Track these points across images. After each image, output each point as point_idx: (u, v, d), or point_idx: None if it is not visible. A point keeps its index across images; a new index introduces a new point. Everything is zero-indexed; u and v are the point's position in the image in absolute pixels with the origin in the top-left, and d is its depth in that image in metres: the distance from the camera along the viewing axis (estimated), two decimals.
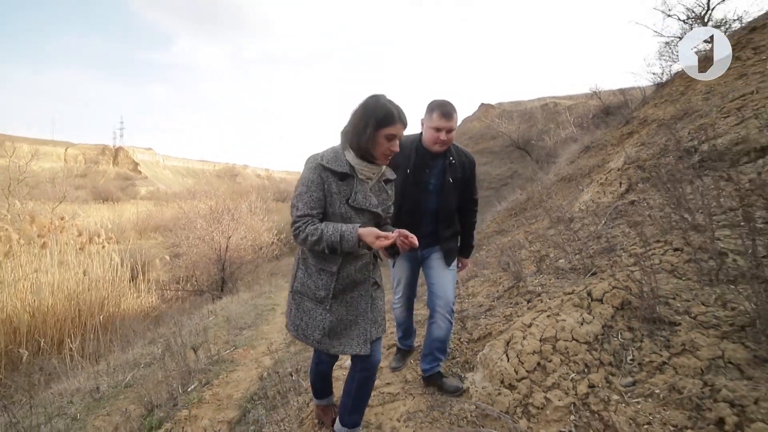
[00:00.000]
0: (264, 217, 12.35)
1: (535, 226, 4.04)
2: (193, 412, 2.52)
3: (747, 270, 1.41)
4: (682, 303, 1.44)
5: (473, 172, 1.91)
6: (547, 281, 2.34)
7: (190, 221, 10.96)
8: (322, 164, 1.26)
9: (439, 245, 1.85)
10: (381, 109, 1.23)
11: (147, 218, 21.65)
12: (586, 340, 1.52)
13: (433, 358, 1.87)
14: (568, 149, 7.16)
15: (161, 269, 11.32)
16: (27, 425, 2.56)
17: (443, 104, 1.72)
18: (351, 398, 1.44)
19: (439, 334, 1.80)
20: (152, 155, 53.09)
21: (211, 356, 3.54)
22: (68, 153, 52.43)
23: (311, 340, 1.37)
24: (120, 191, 40.11)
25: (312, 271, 1.35)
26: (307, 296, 1.37)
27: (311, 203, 1.24)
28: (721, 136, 2.92)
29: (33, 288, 6.23)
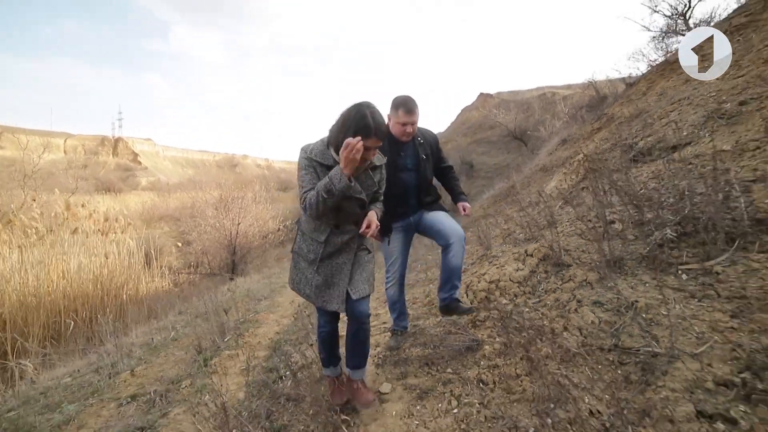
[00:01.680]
0: (269, 205, 13.04)
1: (510, 210, 4.76)
2: (234, 352, 3.26)
3: (621, 231, 2.13)
4: (578, 253, 2.17)
5: (438, 146, 2.18)
6: (506, 248, 3.06)
7: (199, 210, 11.65)
8: (311, 157, 1.46)
9: (424, 209, 2.08)
10: (360, 122, 1.36)
11: (152, 208, 22.25)
12: (518, 280, 2.25)
13: (451, 286, 1.98)
14: (550, 141, 7.83)
15: (173, 255, 12.05)
16: (107, 362, 3.31)
17: (406, 102, 1.91)
18: (350, 344, 1.70)
19: (456, 263, 1.94)
20: (151, 145, 53.18)
21: (238, 319, 4.28)
22: (68, 144, 52.34)
23: (303, 293, 1.63)
24: (121, 182, 40.39)
25: (306, 238, 1.60)
26: (302, 257, 1.62)
27: (312, 181, 1.45)
28: (651, 135, 3.62)
29: (64, 270, 6.89)
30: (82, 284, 6.88)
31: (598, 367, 1.41)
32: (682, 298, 1.49)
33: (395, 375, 2.01)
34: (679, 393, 1.15)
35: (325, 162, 1.46)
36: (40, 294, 6.14)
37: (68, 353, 4.82)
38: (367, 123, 1.36)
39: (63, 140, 53.71)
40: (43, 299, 6.11)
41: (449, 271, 1.97)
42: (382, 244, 2.14)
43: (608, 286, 1.76)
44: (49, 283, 6.42)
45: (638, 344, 1.39)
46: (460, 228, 2.00)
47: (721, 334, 1.24)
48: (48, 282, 6.42)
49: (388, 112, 1.96)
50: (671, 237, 1.81)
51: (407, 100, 1.92)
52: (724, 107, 3.12)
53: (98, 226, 8.54)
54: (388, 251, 2.15)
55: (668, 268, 1.69)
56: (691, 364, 1.20)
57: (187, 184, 31.85)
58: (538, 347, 1.64)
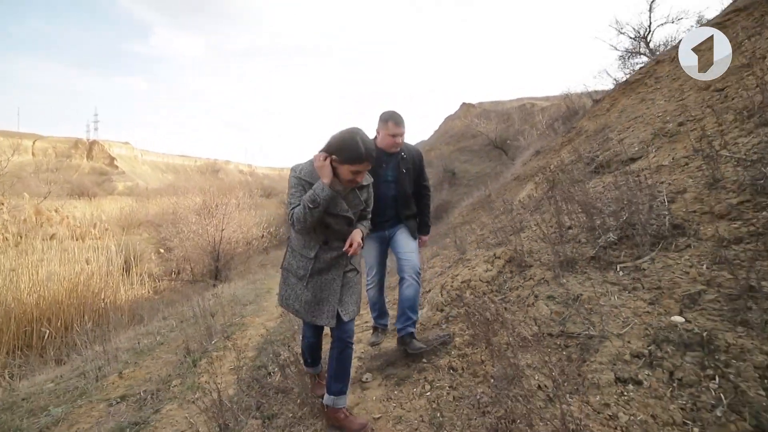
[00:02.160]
0: (252, 211, 13.02)
1: (485, 218, 5.08)
2: (222, 353, 3.38)
3: (575, 236, 2.43)
4: (538, 255, 2.45)
5: (422, 163, 2.26)
6: (479, 252, 3.33)
7: (180, 217, 11.51)
8: (300, 177, 1.53)
9: (402, 223, 2.19)
10: (352, 149, 1.44)
11: (130, 214, 21.62)
12: (487, 280, 2.51)
13: (406, 318, 2.07)
14: (525, 152, 8.29)
15: (153, 262, 11.82)
16: (93, 367, 3.35)
17: (394, 115, 2.05)
18: (333, 366, 1.66)
19: (408, 294, 2.06)
20: (130, 149, 51.59)
21: (225, 322, 4.37)
22: (36, 146, 50.04)
23: (292, 308, 1.65)
24: (96, 186, 38.90)
25: (296, 254, 1.64)
26: (291, 273, 1.64)
27: (300, 198, 1.51)
28: (610, 150, 4.01)
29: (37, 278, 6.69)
30: (55, 292, 6.67)
31: (548, 350, 1.67)
32: (616, 291, 1.77)
33: (375, 366, 2.21)
34: (605, 365, 1.41)
35: (313, 181, 1.50)
36: (9, 303, 5.96)
37: (44, 362, 4.75)
38: (359, 151, 1.44)
39: (32, 142, 51.28)
40: (13, 308, 5.95)
41: (403, 303, 2.08)
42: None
43: (561, 282, 2.04)
44: (19, 291, 6.23)
45: (579, 329, 1.66)
46: (418, 262, 2.14)
47: (639, 317, 1.52)
48: (18, 290, 6.23)
49: (377, 127, 2.10)
50: (613, 240, 2.12)
51: (395, 114, 2.06)
52: (667, 126, 3.53)
53: (73, 232, 8.35)
54: (366, 259, 2.29)
55: (609, 266, 1.99)
56: (615, 342, 1.47)
57: (167, 189, 31.08)
58: (500, 337, 1.89)
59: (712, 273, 1.51)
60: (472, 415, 1.56)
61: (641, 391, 1.27)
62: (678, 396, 1.20)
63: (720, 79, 3.77)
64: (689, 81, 4.38)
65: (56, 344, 5.61)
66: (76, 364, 3.74)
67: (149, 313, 6.35)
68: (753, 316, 1.25)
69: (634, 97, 5.55)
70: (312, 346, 1.91)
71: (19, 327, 5.79)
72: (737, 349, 1.19)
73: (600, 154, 4.21)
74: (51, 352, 4.99)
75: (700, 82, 4.09)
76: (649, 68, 5.89)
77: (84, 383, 3.09)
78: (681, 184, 2.30)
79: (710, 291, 1.45)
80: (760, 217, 1.63)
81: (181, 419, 2.32)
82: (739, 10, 4.90)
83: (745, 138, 2.32)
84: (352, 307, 1.68)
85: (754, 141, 2.18)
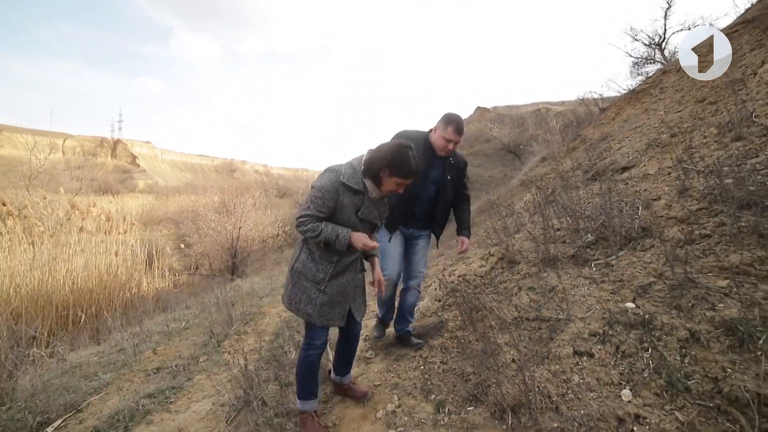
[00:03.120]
0: (268, 211, 13.55)
1: (489, 221, 5.34)
2: (242, 336, 3.75)
3: (562, 237, 2.70)
4: (527, 253, 2.72)
5: (465, 171, 2.27)
6: (478, 251, 3.61)
7: (200, 214, 12.11)
8: (342, 181, 1.50)
9: (431, 229, 2.24)
10: (405, 164, 1.46)
11: (150, 211, 22.57)
12: (480, 274, 2.80)
13: (405, 321, 2.35)
14: (533, 158, 8.47)
15: (174, 257, 12.46)
16: (131, 344, 3.78)
17: (459, 121, 2.00)
18: (342, 355, 1.89)
19: (411, 301, 2.30)
20: (150, 149, 53.52)
21: (244, 311, 4.77)
22: (66, 144, 52.44)
23: (302, 312, 1.61)
24: (119, 184, 40.56)
25: (315, 257, 1.59)
26: (305, 276, 1.60)
27: (322, 208, 1.49)
28: (608, 158, 4.23)
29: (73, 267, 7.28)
30: (87, 281, 7.22)
31: (524, 332, 1.96)
32: (587, 283, 2.04)
33: (378, 345, 2.53)
34: (567, 342, 1.69)
35: (354, 186, 1.51)
36: (50, 290, 6.54)
37: (81, 343, 5.25)
38: (411, 167, 1.47)
39: (62, 140, 53.71)
40: (53, 294, 6.52)
41: (405, 308, 2.31)
42: (381, 240, 2.15)
43: (542, 276, 2.31)
44: (58, 279, 6.79)
45: (551, 314, 1.94)
46: (423, 272, 2.30)
47: (600, 304, 1.79)
48: (57, 278, 6.79)
49: (436, 124, 2.05)
50: (591, 240, 2.38)
51: (460, 121, 2.01)
52: (661, 137, 3.74)
53: (104, 226, 8.98)
54: (387, 251, 2.15)
55: (585, 263, 2.25)
56: (578, 324, 1.75)
57: (186, 188, 32.22)
58: (486, 321, 2.18)
59: (663, 268, 1.77)
60: (457, 383, 1.86)
61: (592, 361, 1.55)
62: (619, 364, 1.48)
63: (715, 92, 3.96)
64: (690, 93, 4.55)
65: (89, 328, 6.14)
66: (114, 342, 4.19)
67: (173, 302, 6.84)
68: (684, 301, 1.51)
69: (639, 106, 5.71)
70: (317, 358, 1.72)
71: (57, 311, 6.35)
72: (668, 327, 1.46)
73: (598, 162, 4.42)
74: (85, 335, 5.49)
75: (698, 94, 4.27)
76: (655, 78, 6.04)
77: (124, 357, 3.52)
78: (658, 192, 2.54)
79: (658, 283, 1.71)
80: (711, 222, 1.87)
81: (210, 387, 2.68)
82: (746, 22, 5.02)
83: (720, 151, 2.55)
84: (362, 307, 1.77)
85: (725, 154, 2.41)
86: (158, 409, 2.35)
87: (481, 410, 1.61)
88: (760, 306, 1.31)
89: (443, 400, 1.75)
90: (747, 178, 1.87)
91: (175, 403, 2.45)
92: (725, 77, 3.78)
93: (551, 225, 2.97)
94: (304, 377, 1.71)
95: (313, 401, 1.75)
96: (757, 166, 1.98)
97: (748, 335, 1.23)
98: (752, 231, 1.61)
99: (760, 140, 2.24)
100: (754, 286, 1.41)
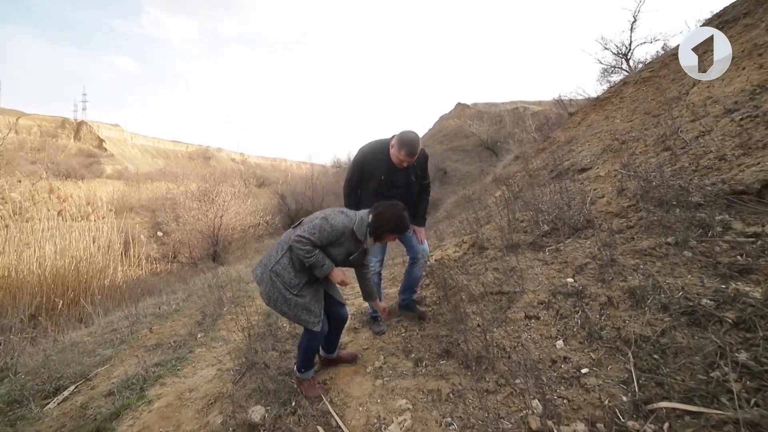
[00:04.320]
0: (248, 200, 13.52)
1: (464, 214, 5.80)
2: (235, 316, 4.01)
3: (524, 227, 3.15)
4: (494, 241, 3.16)
5: (426, 164, 2.43)
6: (453, 240, 4.03)
7: (178, 202, 11.96)
8: (353, 229, 1.80)
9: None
10: (404, 225, 1.83)
11: (123, 197, 21.75)
12: (454, 258, 3.21)
13: (412, 291, 2.61)
14: (507, 156, 9.05)
15: (150, 246, 12.26)
16: (125, 324, 3.95)
17: (411, 144, 2.12)
18: (333, 336, 2.14)
19: (418, 274, 2.53)
20: (119, 132, 50.81)
21: (233, 295, 4.99)
22: (20, 123, 48.70)
23: (279, 310, 1.81)
24: (83, 168, 38.39)
25: (296, 266, 1.81)
26: (282, 279, 1.79)
27: (324, 241, 1.77)
28: (569, 159, 4.76)
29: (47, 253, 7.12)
30: (61, 267, 7.08)
31: (488, 303, 2.37)
32: (540, 264, 2.48)
33: (365, 319, 2.89)
34: (520, 309, 2.12)
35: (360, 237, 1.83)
36: (24, 275, 6.44)
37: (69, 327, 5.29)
38: (407, 225, 1.85)
39: (15, 119, 49.75)
40: (28, 280, 6.43)
41: (412, 280, 2.53)
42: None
43: (505, 260, 2.75)
44: (30, 263, 6.66)
45: (510, 289, 2.37)
46: (426, 248, 2.48)
47: (549, 280, 2.23)
48: (28, 265, 6.65)
49: (393, 140, 2.20)
50: (546, 230, 2.83)
51: (413, 144, 2.12)
52: (614, 144, 4.28)
53: (84, 211, 8.79)
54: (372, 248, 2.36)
55: (540, 249, 2.70)
56: (530, 295, 2.18)
57: (159, 175, 31.04)
58: (458, 296, 2.58)
59: (597, 252, 2.23)
60: (432, 344, 2.25)
61: (538, 322, 1.98)
62: (557, 324, 1.92)
63: (659, 106, 4.54)
64: (642, 104, 5.14)
65: (69, 315, 6.12)
66: (105, 323, 4.32)
67: (158, 288, 6.90)
68: (607, 276, 1.96)
69: (601, 113, 6.30)
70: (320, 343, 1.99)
71: (32, 297, 6.27)
72: (594, 295, 1.91)
73: (563, 163, 4.95)
74: (72, 318, 5.52)
75: (648, 106, 4.86)
76: (617, 88, 6.66)
77: (120, 336, 3.70)
78: (603, 192, 3.03)
79: (592, 263, 2.17)
80: (635, 217, 2.35)
81: (211, 357, 2.96)
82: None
83: (653, 159, 3.06)
84: (338, 294, 2.09)
85: (655, 162, 2.92)
86: (168, 374, 2.61)
87: (451, 362, 2.01)
88: (653, 277, 1.77)
89: (421, 357, 2.14)
90: (664, 182, 2.36)
91: (181, 371, 2.72)
92: (668, 93, 4.35)
93: (516, 218, 3.42)
94: (305, 355, 1.99)
95: (311, 371, 2.06)
96: (674, 173, 2.47)
97: (642, 297, 1.69)
98: (659, 223, 2.08)
99: (681, 151, 2.75)
100: (652, 263, 1.88)
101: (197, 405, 2.18)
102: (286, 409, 1.92)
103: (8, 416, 2.19)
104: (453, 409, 1.67)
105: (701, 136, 2.81)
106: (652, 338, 1.54)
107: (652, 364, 1.47)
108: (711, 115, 3.07)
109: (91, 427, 1.97)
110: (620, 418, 1.34)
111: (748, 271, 1.58)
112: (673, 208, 2.16)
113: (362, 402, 1.87)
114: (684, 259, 1.83)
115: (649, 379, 1.42)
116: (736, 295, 1.48)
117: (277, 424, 1.84)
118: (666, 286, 1.71)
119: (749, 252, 1.66)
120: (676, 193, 2.21)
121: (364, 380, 2.08)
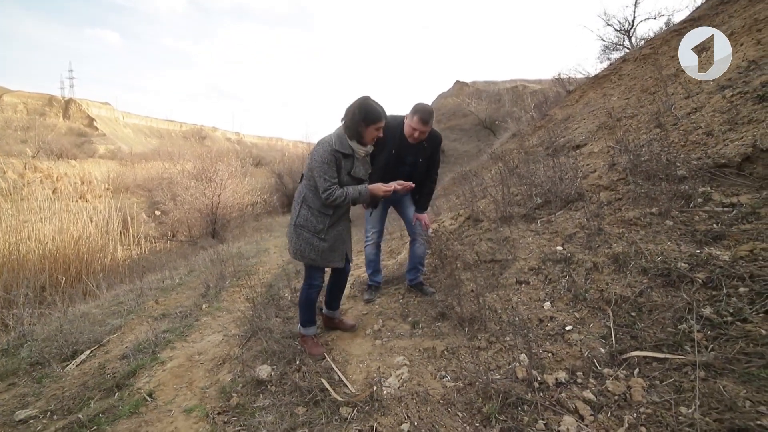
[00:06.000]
0: (245, 179, 13.48)
1: (460, 190, 5.89)
2: (237, 289, 4.15)
3: (518, 201, 3.25)
4: (488, 213, 3.27)
5: (438, 148, 2.40)
6: (450, 213, 4.13)
7: (176, 182, 11.91)
8: (335, 148, 1.76)
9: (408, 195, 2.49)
10: (371, 111, 1.72)
11: (118, 177, 21.53)
12: (451, 230, 3.32)
13: (417, 270, 2.60)
14: (504, 134, 9.05)
15: (150, 224, 12.31)
16: (131, 296, 4.08)
17: (424, 112, 2.10)
18: (334, 291, 2.23)
19: (420, 252, 2.54)
20: (110, 111, 49.53)
21: (234, 270, 5.12)
22: (5, 101, 47.21)
23: (308, 258, 1.93)
24: (75, 148, 37.70)
25: (315, 212, 1.89)
26: (306, 229, 1.90)
27: (332, 177, 1.78)
28: (566, 136, 4.81)
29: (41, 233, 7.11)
30: (60, 246, 7.13)
31: (482, 270, 2.50)
32: (532, 234, 2.60)
33: (364, 288, 3.02)
34: (512, 275, 2.25)
35: (344, 151, 1.79)
36: (24, 254, 6.51)
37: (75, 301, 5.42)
38: (377, 111, 1.73)
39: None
40: (29, 258, 6.50)
41: (415, 259, 2.56)
42: (366, 211, 2.50)
43: (499, 230, 2.86)
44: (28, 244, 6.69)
45: (503, 257, 2.49)
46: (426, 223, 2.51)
47: (539, 249, 2.35)
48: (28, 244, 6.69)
49: (407, 113, 2.19)
50: (539, 203, 2.93)
51: (425, 112, 2.11)
52: (609, 121, 4.32)
53: (80, 190, 8.76)
54: (369, 219, 2.58)
55: (533, 220, 2.81)
56: (521, 263, 2.31)
57: (153, 154, 30.58)
58: (454, 264, 2.71)
59: (586, 222, 2.34)
60: (428, 308, 2.39)
61: (528, 287, 2.11)
62: (546, 287, 2.05)
63: (656, 84, 4.56)
64: (640, 82, 5.15)
65: (73, 291, 6.24)
66: (110, 297, 4.45)
67: (158, 265, 7.02)
68: (594, 244, 2.08)
69: (599, 91, 6.29)
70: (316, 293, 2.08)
71: (36, 274, 6.37)
72: (581, 261, 2.03)
73: (559, 140, 5.00)
74: (80, 292, 5.65)
75: (645, 84, 4.87)
76: (616, 65, 6.61)
77: (127, 308, 3.83)
78: (595, 166, 3.11)
79: (581, 233, 2.28)
80: (624, 189, 2.45)
81: (216, 326, 3.11)
82: (693, 20, 5.59)
83: (645, 135, 3.13)
84: (351, 248, 2.14)
85: (646, 138, 2.99)
86: (177, 339, 2.76)
87: (446, 324, 2.15)
88: (636, 244, 1.88)
89: (418, 320, 2.29)
90: (653, 157, 2.44)
91: (189, 336, 2.86)
92: (665, 71, 4.36)
93: (510, 192, 3.52)
94: (305, 308, 2.12)
95: (313, 327, 2.18)
96: (663, 148, 2.55)
97: (624, 262, 1.81)
98: (645, 195, 2.19)
99: (672, 128, 2.82)
100: (636, 232, 1.99)
101: (207, 365, 2.33)
102: (291, 367, 2.07)
103: (33, 375, 2.33)
104: (447, 364, 1.82)
105: (693, 113, 2.87)
106: (630, 298, 1.67)
107: (629, 321, 1.60)
108: (705, 91, 3.12)
109: (111, 383, 2.11)
110: (597, 366, 1.48)
111: (721, 237, 1.70)
112: (659, 181, 2.26)
113: (362, 359, 2.02)
114: (665, 228, 1.94)
115: (625, 334, 1.56)
116: (708, 258, 1.60)
117: (283, 380, 1.98)
118: (647, 251, 1.83)
119: (724, 220, 1.77)
120: (663, 167, 2.30)
121: (363, 341, 2.22)
